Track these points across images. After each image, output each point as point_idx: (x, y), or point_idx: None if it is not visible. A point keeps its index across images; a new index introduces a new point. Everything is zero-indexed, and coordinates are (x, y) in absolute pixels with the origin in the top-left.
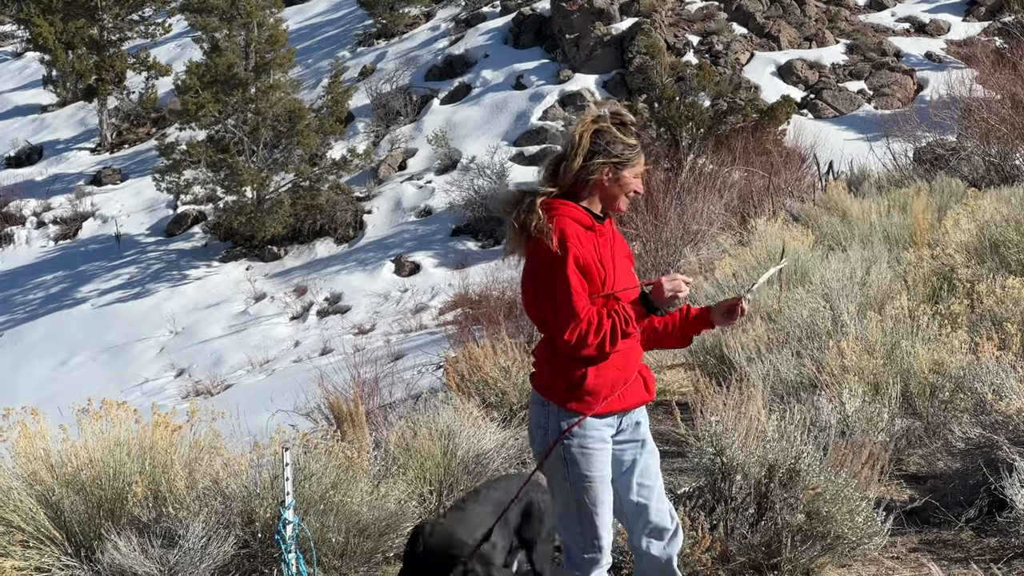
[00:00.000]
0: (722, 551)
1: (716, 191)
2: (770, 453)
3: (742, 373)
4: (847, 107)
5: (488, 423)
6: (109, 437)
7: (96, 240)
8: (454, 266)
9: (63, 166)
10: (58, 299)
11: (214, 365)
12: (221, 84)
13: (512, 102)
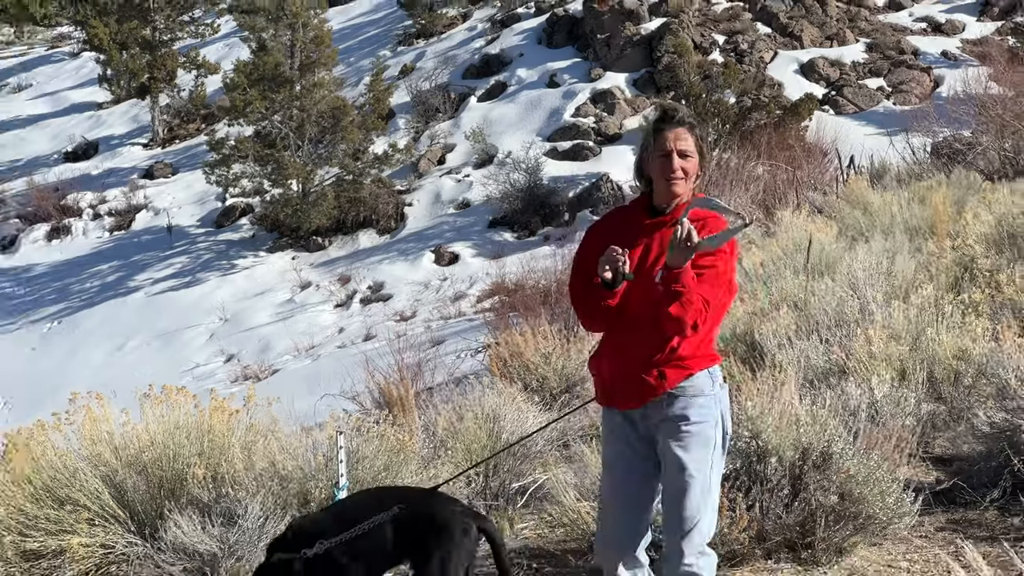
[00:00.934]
0: (758, 530)
1: (742, 184)
2: (803, 437)
3: (773, 360)
4: (867, 103)
5: (530, 407)
6: (169, 421)
7: (149, 231)
8: (491, 256)
9: (117, 161)
10: (113, 288)
11: (262, 351)
12: (268, 82)
13: (546, 99)
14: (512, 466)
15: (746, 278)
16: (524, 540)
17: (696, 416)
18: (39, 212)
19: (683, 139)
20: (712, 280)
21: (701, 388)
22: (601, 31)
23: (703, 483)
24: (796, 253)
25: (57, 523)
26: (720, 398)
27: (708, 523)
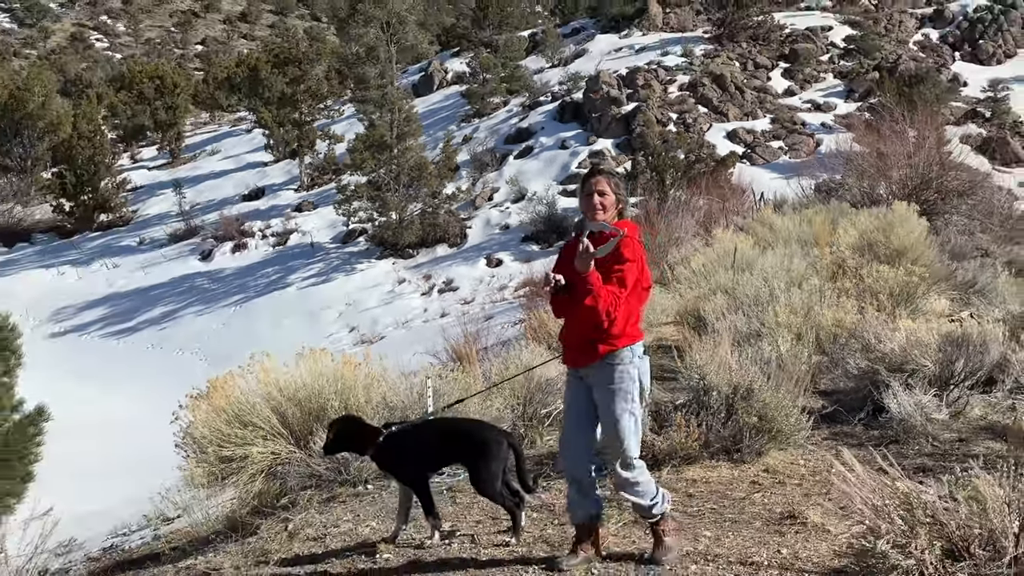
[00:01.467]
0: (704, 440)
1: (689, 212)
2: (734, 378)
3: (713, 327)
4: (771, 157)
5: (553, 360)
6: (315, 370)
7: (298, 247)
8: (523, 260)
9: (277, 200)
10: (275, 284)
11: (373, 324)
12: (376, 147)
13: (559, 157)
14: (541, 398)
15: (692, 273)
16: (549, 448)
17: (618, 378)
18: (226, 234)
19: (601, 184)
20: (619, 281)
21: (623, 359)
22: (595, 111)
23: (624, 423)
24: (726, 257)
25: (242, 438)
26: (638, 365)
27: (632, 445)
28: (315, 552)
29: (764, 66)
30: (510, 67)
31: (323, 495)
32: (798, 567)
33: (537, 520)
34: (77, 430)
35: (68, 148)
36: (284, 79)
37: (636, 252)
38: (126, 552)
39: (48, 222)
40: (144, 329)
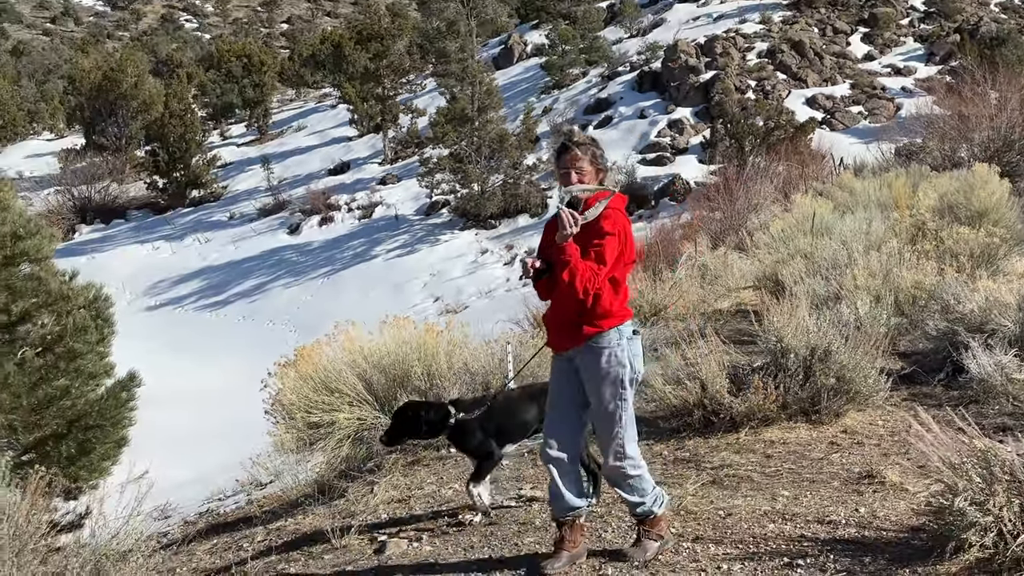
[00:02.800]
0: (782, 402)
1: (768, 179)
2: (812, 340)
3: (791, 291)
4: (851, 123)
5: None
6: (399, 338)
7: (383, 219)
8: None
9: (362, 174)
10: (361, 256)
11: (456, 294)
12: (457, 120)
13: (638, 127)
14: None
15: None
16: None
17: (605, 363)
18: (314, 208)
19: (576, 160)
20: (598, 257)
21: (609, 341)
22: (673, 80)
23: (614, 410)
24: (805, 222)
25: (329, 405)
26: (626, 347)
27: (625, 435)
28: (400, 514)
29: (843, 31)
30: (589, 38)
31: (407, 459)
32: (876, 525)
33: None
34: (173, 399)
35: (160, 127)
36: (367, 55)
37: (617, 224)
38: (220, 516)
39: (142, 199)
40: (235, 302)
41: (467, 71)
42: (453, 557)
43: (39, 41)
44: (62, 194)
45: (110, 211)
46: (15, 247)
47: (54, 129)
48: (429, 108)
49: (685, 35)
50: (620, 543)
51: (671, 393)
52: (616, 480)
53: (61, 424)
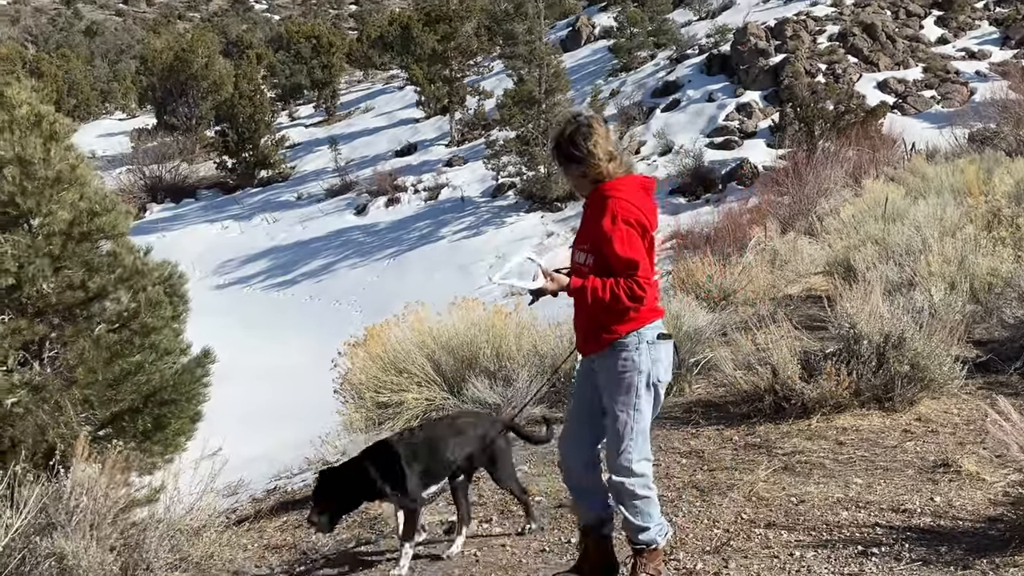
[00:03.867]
0: (855, 389)
1: (838, 163)
2: (885, 327)
3: (864, 277)
4: (923, 108)
5: (699, 309)
6: (468, 319)
7: (449, 200)
8: (670, 213)
9: (428, 155)
10: (427, 237)
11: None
12: (524, 103)
13: (706, 110)
14: (689, 347)
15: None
16: (697, 396)
17: (620, 367)
18: (380, 189)
19: (561, 164)
20: (615, 260)
21: (627, 345)
22: (743, 63)
23: (624, 419)
24: (876, 207)
25: (398, 385)
26: (645, 352)
27: (634, 449)
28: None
29: (916, 14)
30: (657, 20)
31: None
32: (952, 515)
33: (687, 466)
34: (243, 376)
35: (230, 107)
36: (435, 37)
37: (618, 212)
38: (288, 493)
39: (212, 179)
40: (303, 281)
41: (535, 53)
42: (523, 539)
43: (112, 22)
44: (133, 173)
45: (180, 190)
46: (92, 223)
47: (126, 109)
48: (496, 90)
49: (755, 18)
50: (690, 527)
51: (741, 378)
52: (621, 497)
53: (137, 399)
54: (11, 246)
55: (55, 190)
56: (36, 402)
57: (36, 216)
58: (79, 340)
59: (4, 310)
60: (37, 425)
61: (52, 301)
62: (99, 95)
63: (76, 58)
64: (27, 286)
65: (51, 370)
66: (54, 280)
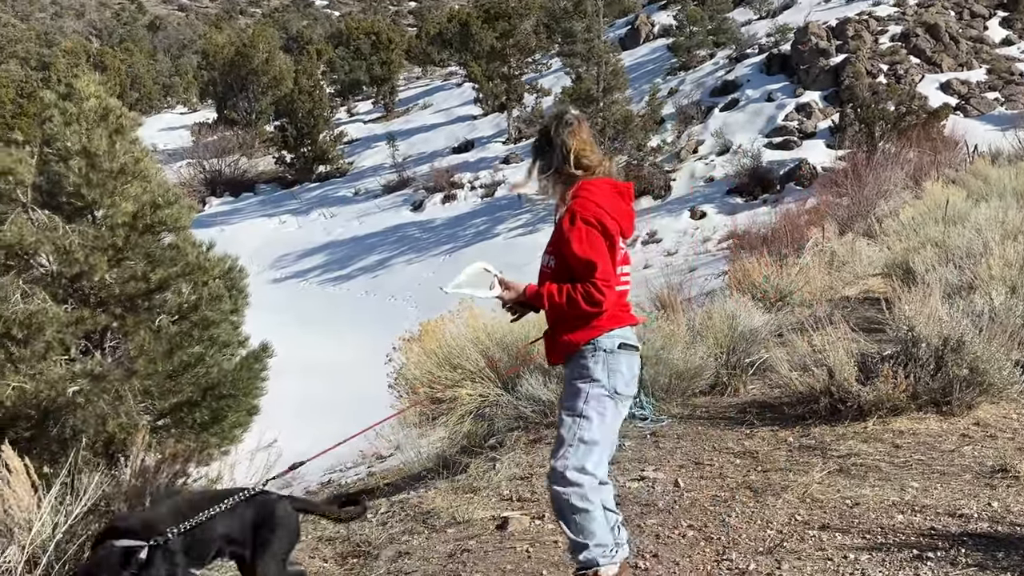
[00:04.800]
0: (912, 392)
1: (899, 165)
2: (944, 330)
3: (923, 279)
4: (986, 109)
5: (755, 310)
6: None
7: (505, 198)
8: (727, 213)
9: (485, 152)
10: (483, 234)
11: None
12: (582, 100)
13: (765, 110)
14: (744, 347)
15: (901, 226)
16: (752, 396)
17: (575, 375)
18: (437, 185)
19: (534, 159)
20: (574, 262)
21: (583, 354)
22: (803, 63)
23: (568, 424)
24: (937, 209)
25: (452, 380)
26: (603, 360)
27: (571, 455)
28: (522, 491)
29: (981, 15)
30: (717, 19)
31: (529, 436)
32: (1010, 520)
33: (741, 467)
34: (298, 370)
35: (289, 102)
36: (494, 34)
37: (578, 212)
38: (343, 487)
39: (270, 173)
40: (358, 277)
41: (593, 51)
42: None
43: (175, 16)
44: (193, 167)
45: (239, 185)
46: (154, 216)
47: (187, 103)
48: (554, 88)
49: (816, 17)
50: (744, 528)
51: (797, 379)
52: (557, 506)
53: (195, 391)
54: (78, 236)
55: (119, 182)
56: (97, 392)
57: (100, 208)
58: (140, 331)
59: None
60: (98, 414)
61: (115, 292)
62: (161, 89)
63: (139, 52)
64: (91, 276)
65: (111, 360)
66: (117, 271)
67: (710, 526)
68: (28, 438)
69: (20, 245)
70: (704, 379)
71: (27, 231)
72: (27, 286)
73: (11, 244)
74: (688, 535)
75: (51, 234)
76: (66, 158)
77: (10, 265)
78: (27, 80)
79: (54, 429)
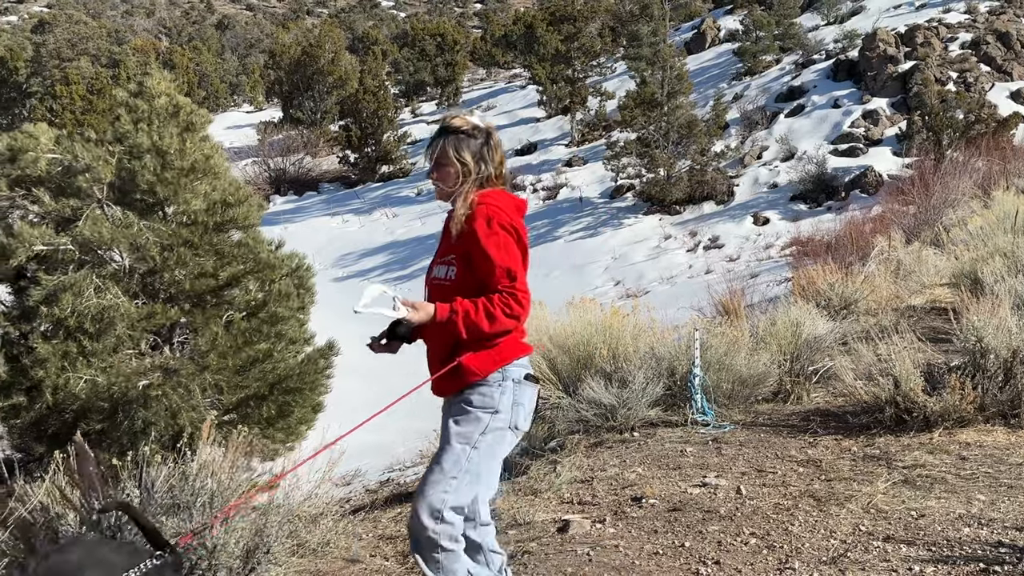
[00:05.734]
0: (980, 404)
1: (967, 173)
2: (1013, 341)
3: (992, 290)
4: None
5: (819, 318)
6: (584, 320)
7: (567, 200)
8: (791, 219)
9: (548, 155)
10: (544, 237)
11: (638, 279)
12: (646, 104)
13: (830, 116)
14: (808, 355)
15: (970, 236)
16: (815, 405)
17: (476, 403)
18: None
19: (442, 150)
20: (479, 268)
21: (488, 382)
22: (870, 69)
23: (457, 452)
24: (1006, 219)
25: None
26: (509, 391)
27: (452, 489)
28: (583, 494)
29: None
30: (784, 24)
31: (590, 440)
32: None
33: (804, 475)
34: (358, 368)
35: (354, 102)
36: (559, 36)
37: (494, 216)
38: (402, 486)
39: (334, 172)
40: (420, 276)
41: (658, 55)
42: (636, 540)
43: (243, 16)
44: (259, 165)
45: (303, 183)
46: (224, 214)
47: (254, 102)
48: (618, 91)
49: (885, 23)
50: (807, 536)
51: (862, 388)
52: (419, 546)
53: (262, 386)
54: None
55: (190, 180)
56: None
57: (171, 204)
58: (209, 327)
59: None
60: (168, 408)
61: (185, 288)
62: (228, 88)
63: (207, 51)
64: (162, 272)
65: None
66: (187, 267)
67: (773, 534)
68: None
69: (96, 241)
70: (767, 386)
71: (103, 227)
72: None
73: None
74: (750, 542)
75: (126, 231)
76: (138, 155)
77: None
78: (97, 77)
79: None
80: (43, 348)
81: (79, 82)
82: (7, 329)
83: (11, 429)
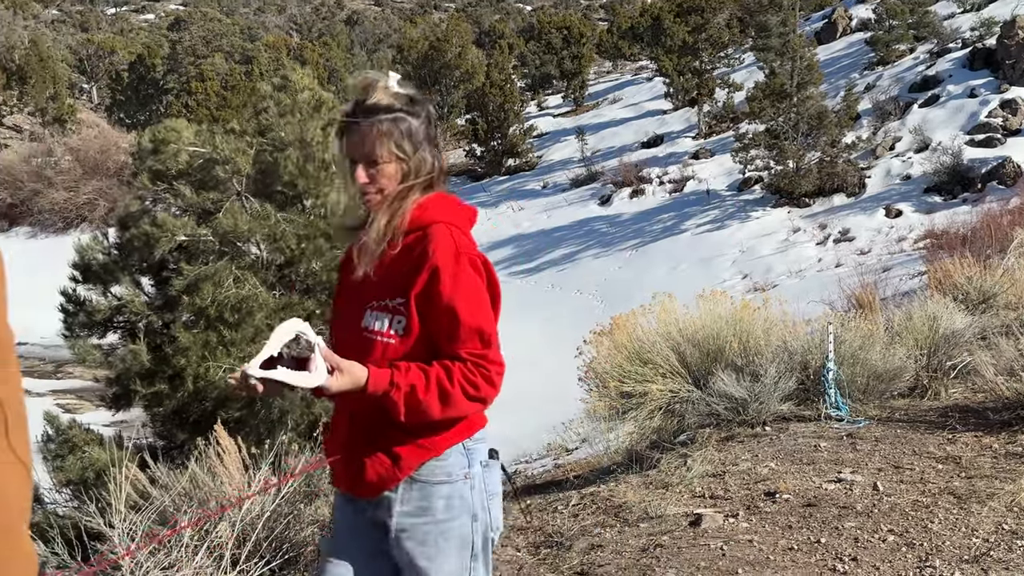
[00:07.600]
0: None
1: None
2: None
3: None
4: None
5: (957, 312)
6: (714, 312)
7: (694, 193)
8: (924, 212)
9: (675, 147)
10: (670, 230)
11: (765, 272)
12: (775, 95)
13: (966, 106)
14: (946, 350)
15: None
16: (954, 400)
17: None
18: (625, 180)
19: (373, 140)
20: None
21: (449, 471)
22: (1009, 58)
23: None
24: None
25: (642, 375)
26: (478, 480)
27: None
28: (715, 489)
29: None
30: (918, 13)
31: (721, 434)
32: None
33: (943, 472)
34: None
35: (481, 96)
36: (686, 28)
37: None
38: (529, 478)
39: (461, 166)
40: (546, 270)
41: (788, 45)
42: (770, 536)
43: (371, 11)
44: None
45: None
46: None
47: None
48: (746, 83)
49: None
50: (947, 535)
51: (1003, 384)
52: None
53: None
54: (289, 225)
55: (329, 173)
56: None
57: (309, 197)
58: None
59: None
60: (303, 397)
61: (321, 279)
62: None
63: (336, 46)
64: (299, 264)
65: None
66: (324, 259)
67: (911, 531)
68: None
69: (235, 232)
70: (903, 381)
71: (241, 219)
72: (239, 272)
73: (227, 231)
74: (888, 540)
75: (264, 222)
76: (281, 148)
77: (224, 251)
78: (231, 73)
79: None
80: (184, 337)
81: (214, 78)
82: (151, 318)
83: (154, 417)
